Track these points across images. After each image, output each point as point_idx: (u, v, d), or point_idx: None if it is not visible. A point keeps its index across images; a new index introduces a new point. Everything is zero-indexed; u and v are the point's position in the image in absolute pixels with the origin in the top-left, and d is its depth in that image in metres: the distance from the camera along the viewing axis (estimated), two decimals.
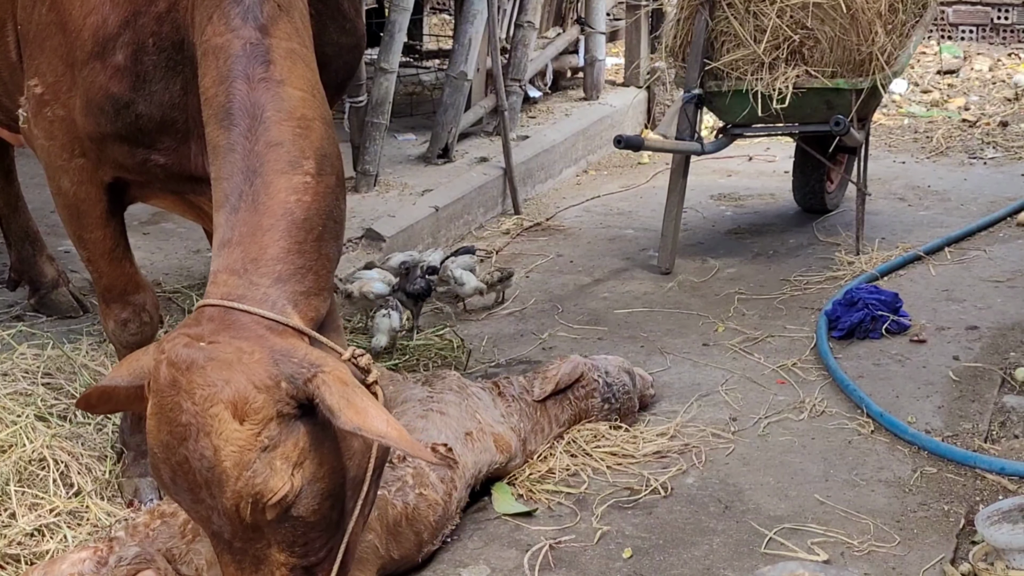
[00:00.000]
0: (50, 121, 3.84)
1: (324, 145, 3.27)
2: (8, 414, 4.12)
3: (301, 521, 2.98)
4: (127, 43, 3.61)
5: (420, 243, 6.78)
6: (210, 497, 2.90)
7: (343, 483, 3.06)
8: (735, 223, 7.52)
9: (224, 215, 3.16)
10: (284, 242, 3.10)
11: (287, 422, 2.90)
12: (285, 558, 3.00)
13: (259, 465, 2.85)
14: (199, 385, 2.87)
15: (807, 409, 4.86)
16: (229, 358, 2.89)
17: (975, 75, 11.12)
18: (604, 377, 4.66)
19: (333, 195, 3.25)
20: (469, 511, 4.10)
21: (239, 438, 2.84)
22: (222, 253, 3.12)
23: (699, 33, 6.43)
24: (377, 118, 7.44)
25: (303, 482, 2.94)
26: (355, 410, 2.86)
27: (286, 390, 2.89)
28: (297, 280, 3.09)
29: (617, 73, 10.40)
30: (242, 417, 2.84)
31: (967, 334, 5.56)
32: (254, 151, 3.17)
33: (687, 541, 3.96)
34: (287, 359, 2.92)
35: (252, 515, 2.89)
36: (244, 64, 3.25)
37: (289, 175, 3.16)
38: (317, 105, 3.32)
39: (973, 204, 7.68)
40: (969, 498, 4.20)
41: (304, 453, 2.93)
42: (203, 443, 2.85)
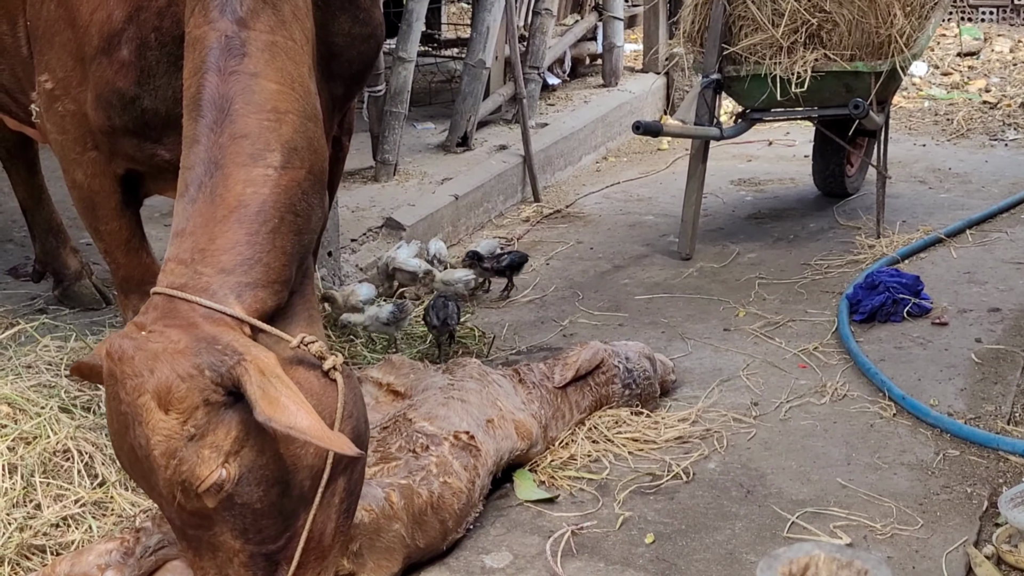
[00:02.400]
0: (61, 116, 3.86)
1: (296, 138, 3.24)
2: (32, 406, 4.14)
3: (248, 508, 2.98)
4: (131, 38, 3.63)
5: (440, 231, 6.79)
6: (156, 486, 2.96)
7: (293, 471, 3.04)
8: (755, 208, 7.51)
9: (182, 205, 3.17)
10: (233, 233, 3.09)
11: (216, 410, 2.91)
12: (240, 545, 3.02)
13: (185, 453, 2.88)
14: (128, 375, 2.91)
15: (829, 393, 4.85)
16: (155, 348, 2.92)
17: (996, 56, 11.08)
18: (624, 363, 4.66)
19: (298, 189, 3.21)
20: (491, 498, 4.11)
21: (164, 427, 2.88)
22: (175, 242, 3.14)
23: (717, 18, 6.41)
24: (396, 107, 7.45)
25: (241, 469, 2.94)
26: (268, 400, 2.85)
27: (210, 378, 2.89)
28: (243, 271, 3.08)
29: (635, 59, 10.39)
30: (166, 406, 2.87)
31: (989, 316, 5.55)
32: (218, 143, 3.17)
33: (709, 526, 3.96)
34: (210, 347, 2.92)
35: (188, 502, 2.93)
36: (217, 56, 3.24)
37: (249, 167, 3.15)
38: (296, 99, 3.28)
39: (994, 186, 7.65)
40: (992, 480, 4.19)
41: (239, 441, 2.94)
42: (138, 432, 2.90)
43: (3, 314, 5.29)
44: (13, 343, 4.76)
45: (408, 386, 4.37)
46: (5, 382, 4.29)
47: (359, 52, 4.08)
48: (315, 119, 3.36)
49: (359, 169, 7.52)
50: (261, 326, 3.05)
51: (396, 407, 4.24)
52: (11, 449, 3.92)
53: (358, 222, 6.62)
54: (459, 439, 3.94)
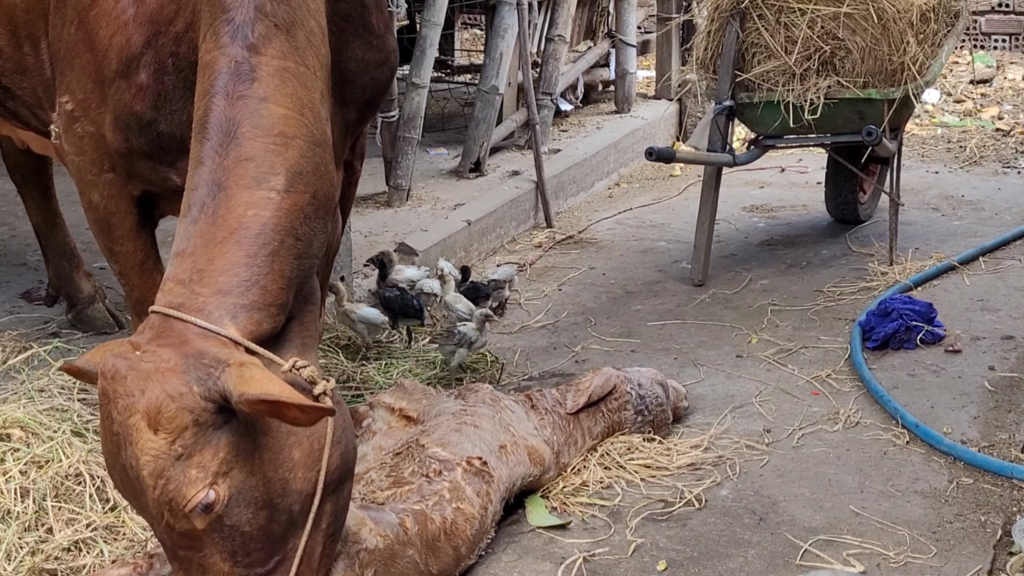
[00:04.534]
0: (80, 137, 3.89)
1: (302, 163, 3.25)
2: (45, 429, 4.15)
3: (237, 531, 2.99)
4: (149, 63, 3.66)
5: (453, 257, 6.79)
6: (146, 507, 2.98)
7: (283, 494, 3.05)
8: (768, 234, 7.50)
9: (184, 226, 3.19)
10: (232, 255, 3.11)
11: (204, 431, 2.92)
12: (229, 568, 3.02)
13: (172, 473, 2.89)
14: (120, 395, 2.92)
15: (842, 420, 4.84)
16: (147, 368, 2.93)
17: (1008, 84, 11.07)
18: (637, 389, 4.65)
19: (301, 213, 3.22)
20: (503, 524, 4.10)
21: (153, 448, 2.89)
22: (175, 262, 3.15)
23: (730, 45, 6.43)
24: (409, 133, 7.47)
25: (230, 491, 2.95)
26: (242, 380, 2.89)
27: (199, 393, 2.90)
28: (240, 293, 3.08)
29: (648, 86, 10.40)
30: (155, 427, 2.88)
31: (1002, 344, 5.53)
32: (223, 165, 3.19)
33: (722, 553, 3.95)
34: (198, 362, 2.94)
35: (177, 523, 2.93)
36: (226, 80, 3.26)
37: (252, 190, 3.16)
38: (304, 124, 3.29)
39: (1007, 213, 7.64)
40: (1006, 509, 4.17)
41: (227, 463, 2.95)
42: (129, 452, 2.92)
43: (16, 338, 5.30)
44: (26, 367, 4.77)
45: (420, 411, 4.37)
46: (18, 406, 4.30)
47: (372, 78, 4.10)
48: (323, 144, 3.37)
49: (372, 194, 7.53)
50: (255, 348, 3.05)
51: (408, 432, 4.24)
52: (23, 473, 3.93)
53: (371, 247, 6.63)
54: (472, 465, 3.94)
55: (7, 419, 4.18)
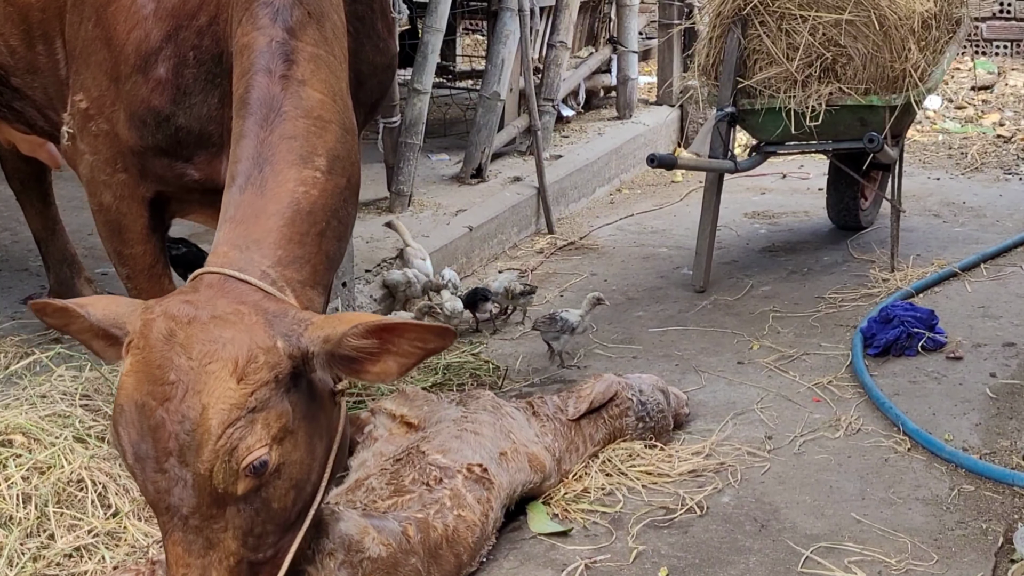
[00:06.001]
0: (94, 135, 3.89)
1: (338, 147, 3.30)
2: (47, 435, 4.14)
3: (265, 506, 2.96)
4: (169, 56, 3.67)
5: (454, 263, 6.79)
6: (179, 465, 2.86)
7: (306, 481, 3.06)
8: (769, 241, 7.51)
9: (231, 195, 3.21)
10: (287, 230, 3.14)
11: (278, 390, 2.91)
12: (236, 547, 2.95)
13: (242, 424, 2.85)
14: (200, 341, 2.87)
15: (843, 427, 4.84)
16: (231, 317, 2.91)
17: (1010, 91, 11.07)
18: (638, 396, 4.65)
19: (341, 196, 3.28)
20: (504, 531, 4.10)
21: (232, 396, 2.84)
22: (225, 228, 3.15)
23: (731, 51, 6.43)
24: (411, 138, 7.47)
25: (279, 460, 2.93)
26: (346, 321, 2.92)
27: (283, 348, 2.91)
28: (295, 268, 3.12)
29: (650, 92, 10.41)
30: (241, 375, 2.85)
31: (1004, 351, 5.53)
32: (268, 141, 3.22)
33: (723, 560, 3.95)
34: (280, 319, 2.95)
35: (224, 482, 2.86)
36: (267, 59, 3.31)
37: (299, 167, 3.20)
38: (338, 110, 3.36)
39: (1009, 220, 7.65)
40: (1007, 516, 4.17)
41: (285, 430, 2.93)
42: (189, 402, 2.83)
43: (18, 343, 5.30)
44: (28, 373, 4.77)
45: (422, 418, 4.37)
46: (20, 411, 4.30)
47: (379, 81, 4.15)
48: (352, 133, 3.44)
49: (374, 200, 7.54)
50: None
51: (409, 439, 4.24)
52: (25, 479, 3.92)
53: (372, 253, 6.64)
54: (472, 472, 3.94)
55: (9, 425, 4.17)
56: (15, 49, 4.34)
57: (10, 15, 4.31)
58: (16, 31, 4.30)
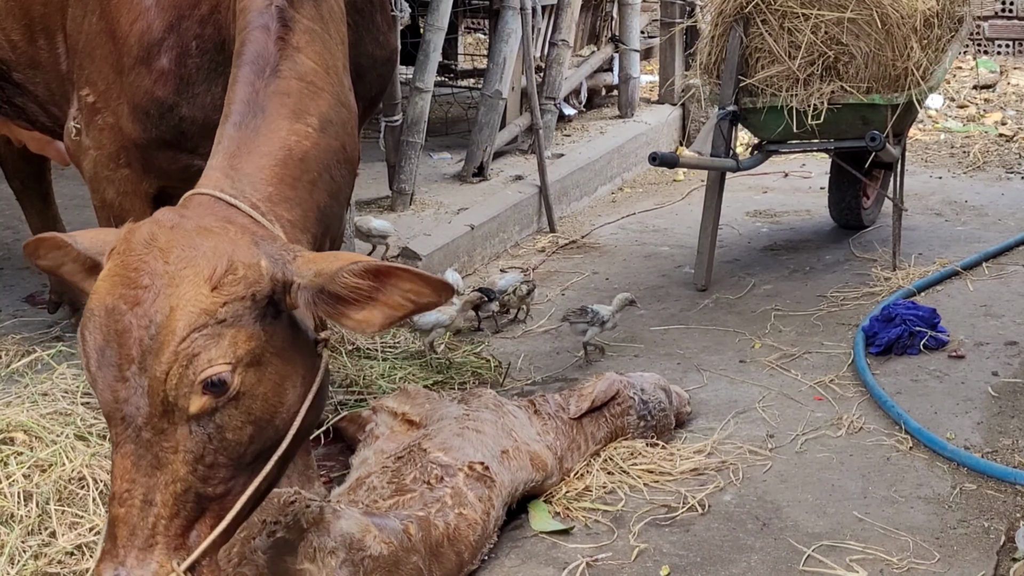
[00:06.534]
0: (100, 129, 3.89)
1: (331, 113, 3.31)
2: (48, 433, 4.14)
3: (218, 434, 2.84)
4: (171, 47, 3.68)
5: (456, 262, 6.79)
6: (139, 372, 2.77)
7: (268, 423, 2.94)
8: (771, 239, 7.50)
9: (227, 129, 3.20)
10: (279, 170, 3.13)
11: (252, 311, 2.83)
12: (184, 473, 2.83)
13: (208, 332, 2.77)
14: (180, 245, 2.82)
15: (845, 426, 4.83)
16: (217, 229, 2.88)
17: (1012, 89, 11.07)
18: (640, 394, 4.65)
19: (334, 156, 3.29)
20: (506, 529, 4.10)
21: (203, 301, 2.77)
22: (218, 157, 3.14)
23: (733, 50, 6.43)
24: (412, 137, 7.47)
25: (240, 387, 2.83)
26: (344, 259, 2.88)
27: (266, 269, 2.85)
28: (286, 208, 3.11)
29: (652, 91, 10.41)
30: (216, 283, 2.79)
31: (1006, 349, 5.53)
32: (263, 91, 3.23)
33: (725, 559, 3.95)
34: (268, 243, 2.92)
35: (178, 391, 2.76)
36: (266, 19, 3.33)
37: (291, 120, 3.21)
38: (331, 82, 3.37)
39: (1011, 219, 7.64)
40: (1009, 515, 4.17)
41: (251, 356, 2.84)
42: (158, 305, 2.77)
43: (20, 342, 5.30)
44: (30, 371, 4.77)
45: (423, 416, 4.37)
46: (21, 409, 4.29)
47: (379, 75, 4.16)
48: (348, 107, 3.45)
49: (375, 198, 7.54)
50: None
51: (411, 437, 4.24)
52: (27, 477, 3.92)
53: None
54: (474, 470, 3.94)
55: (10, 423, 4.17)
56: (16, 44, 4.35)
57: (11, 9, 4.31)
58: (17, 25, 4.30)
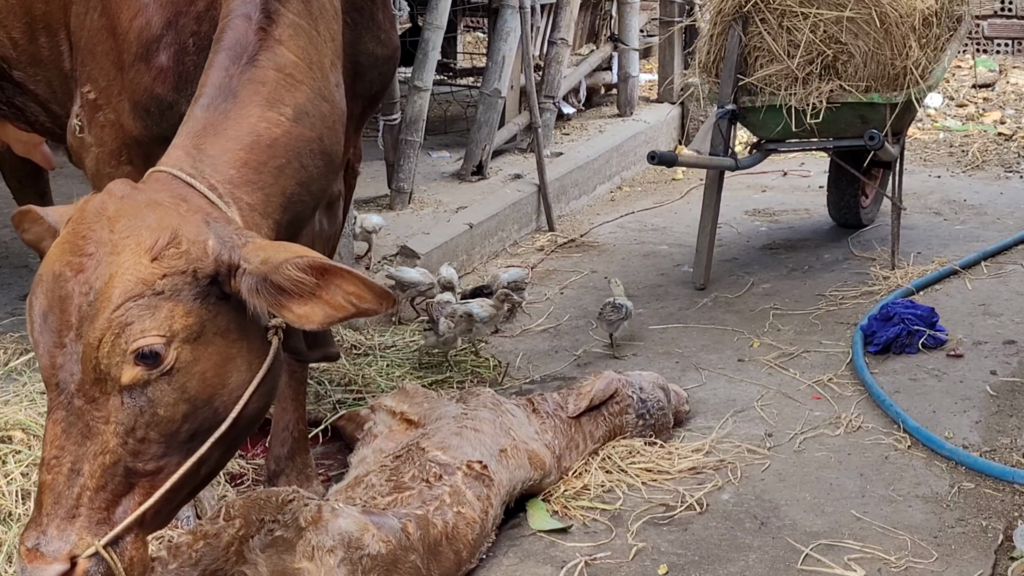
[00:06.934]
0: (101, 126, 3.89)
1: (308, 106, 3.30)
2: None
3: (150, 408, 2.84)
4: (170, 44, 3.68)
5: (454, 260, 6.79)
6: (75, 339, 2.79)
7: (205, 403, 2.92)
8: (770, 238, 7.50)
9: (195, 110, 3.21)
10: (244, 154, 3.13)
11: (191, 288, 2.84)
12: (115, 445, 2.83)
13: (143, 303, 2.78)
14: (126, 215, 2.84)
15: (843, 424, 4.84)
16: (168, 204, 2.90)
17: (1011, 88, 11.07)
18: (639, 393, 4.65)
19: (307, 146, 3.27)
20: (504, 528, 4.10)
21: (141, 271, 2.78)
22: (183, 137, 3.15)
23: (732, 49, 6.43)
24: (411, 136, 7.47)
25: (174, 362, 2.82)
26: (292, 250, 2.87)
27: (212, 249, 2.85)
28: (246, 191, 3.10)
29: (651, 89, 10.41)
30: (156, 254, 2.80)
31: (1004, 348, 5.53)
32: (237, 76, 3.23)
33: (723, 557, 3.95)
34: (219, 224, 2.92)
35: (107, 360, 2.77)
36: (249, 8, 3.33)
37: (264, 108, 3.21)
38: (312, 77, 3.36)
39: (1010, 218, 7.64)
40: (1007, 514, 4.17)
41: (188, 331, 2.84)
42: (99, 272, 2.79)
43: (18, 340, 5.30)
44: (28, 369, 4.77)
45: (422, 415, 4.37)
46: (19, 408, 4.30)
47: (380, 73, 4.15)
48: (331, 102, 3.43)
49: (374, 197, 7.53)
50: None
51: (409, 436, 4.24)
52: (25, 475, 3.92)
53: (372, 250, 6.63)
54: (472, 469, 3.94)
55: (8, 421, 4.18)
56: (17, 41, 4.34)
57: (12, 7, 4.30)
58: (18, 23, 4.30)
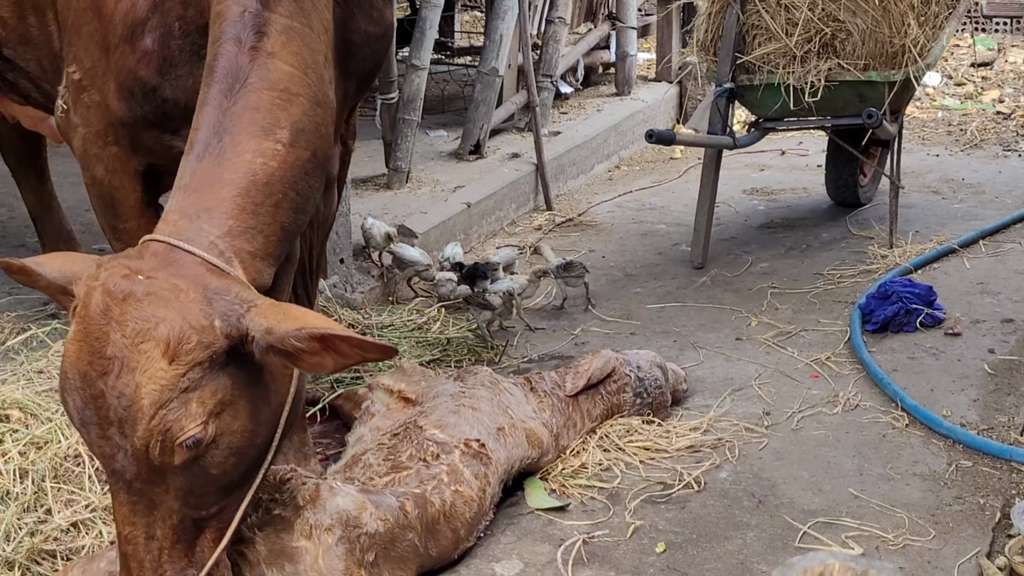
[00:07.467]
0: (87, 107, 3.88)
1: (304, 120, 3.30)
2: (43, 411, 4.14)
3: (205, 472, 3.00)
4: (155, 27, 3.66)
5: (453, 239, 6.78)
6: (119, 435, 2.91)
7: (250, 446, 3.08)
8: (768, 217, 7.50)
9: (188, 162, 3.22)
10: (241, 200, 3.14)
11: (213, 368, 2.93)
12: (178, 507, 3.02)
13: (175, 404, 2.88)
14: (133, 319, 2.89)
15: (841, 403, 4.84)
16: (167, 295, 2.92)
17: (1009, 67, 11.06)
18: (636, 372, 4.65)
19: (302, 169, 3.28)
20: (502, 506, 4.10)
21: (163, 377, 2.87)
22: (178, 196, 3.16)
23: (730, 27, 6.41)
24: (409, 115, 7.45)
25: (216, 432, 2.97)
26: (292, 319, 2.93)
27: (220, 328, 2.92)
28: (246, 239, 3.12)
29: (649, 68, 10.39)
30: (172, 356, 2.87)
31: (1002, 327, 5.53)
32: (231, 111, 3.23)
33: (720, 535, 3.95)
34: (220, 297, 2.96)
35: (160, 456, 2.91)
36: (238, 29, 3.31)
37: (260, 139, 3.21)
38: (308, 83, 3.36)
39: (1008, 197, 7.64)
40: (1005, 491, 4.17)
41: (222, 404, 2.96)
42: (125, 380, 2.87)
43: (15, 319, 5.30)
44: (25, 348, 4.76)
45: (419, 393, 4.37)
46: (17, 387, 4.29)
47: (373, 51, 4.13)
48: (324, 105, 3.43)
49: (372, 176, 7.52)
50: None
51: (407, 414, 4.24)
52: (22, 454, 3.92)
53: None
54: (470, 447, 3.94)
55: (6, 400, 4.17)
56: (6, 20, 4.33)
57: None
58: (7, 3, 4.28)
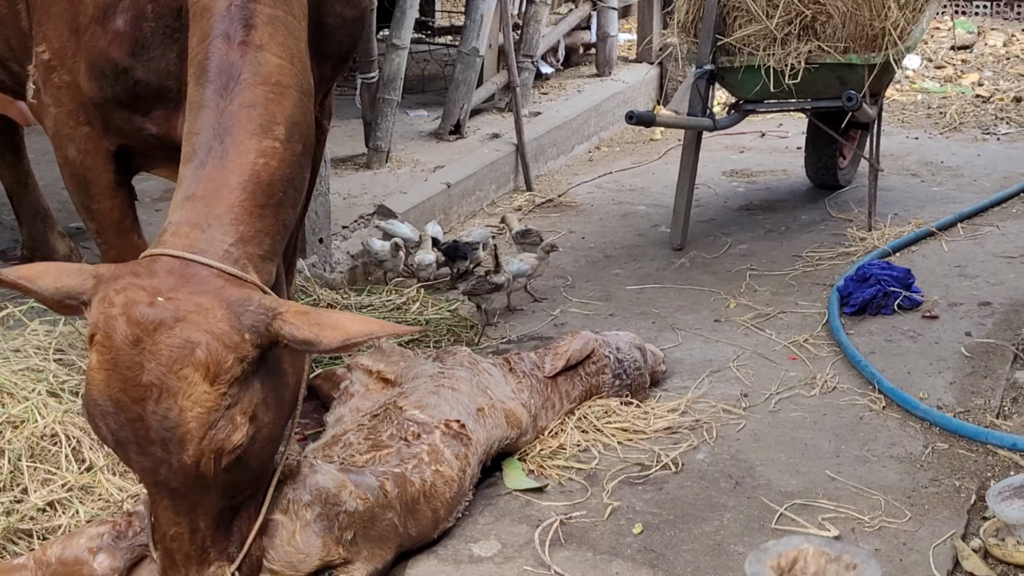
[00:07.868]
0: (57, 87, 3.86)
1: (296, 113, 3.31)
2: (20, 390, 4.12)
3: (246, 466, 3.06)
4: (127, 8, 3.64)
5: (433, 219, 6.77)
6: (163, 452, 2.94)
7: (280, 428, 3.18)
8: (747, 199, 7.50)
9: (191, 169, 3.20)
10: (249, 203, 3.15)
11: (247, 379, 2.98)
12: (219, 499, 3.08)
13: (222, 423, 2.93)
14: (167, 347, 2.89)
15: (818, 385, 4.85)
16: (195, 318, 2.93)
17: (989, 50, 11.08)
18: (615, 353, 4.65)
19: (298, 163, 3.30)
20: (480, 487, 4.10)
21: (208, 400, 2.90)
22: (185, 205, 3.15)
23: (711, 8, 6.40)
24: (389, 94, 7.43)
25: (256, 430, 3.02)
26: (331, 328, 2.97)
27: (250, 340, 2.95)
28: (256, 243, 3.14)
29: (629, 49, 10.38)
30: (213, 378, 2.90)
31: (979, 310, 5.55)
32: (227, 110, 3.22)
33: (698, 517, 3.96)
34: (245, 308, 2.97)
35: (210, 468, 2.96)
36: (226, 24, 3.30)
37: (260, 138, 3.21)
38: (295, 73, 3.36)
39: (986, 180, 7.66)
40: (980, 474, 4.19)
41: (257, 406, 3.02)
42: (167, 404, 2.89)
43: None
44: (1, 327, 4.74)
45: (398, 374, 4.37)
46: None
47: (348, 34, 4.11)
48: (309, 94, 3.45)
49: (351, 156, 7.50)
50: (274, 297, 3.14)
51: (386, 395, 4.23)
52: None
53: (349, 209, 6.61)
54: (450, 427, 3.94)
55: None
56: None
57: None
58: None
